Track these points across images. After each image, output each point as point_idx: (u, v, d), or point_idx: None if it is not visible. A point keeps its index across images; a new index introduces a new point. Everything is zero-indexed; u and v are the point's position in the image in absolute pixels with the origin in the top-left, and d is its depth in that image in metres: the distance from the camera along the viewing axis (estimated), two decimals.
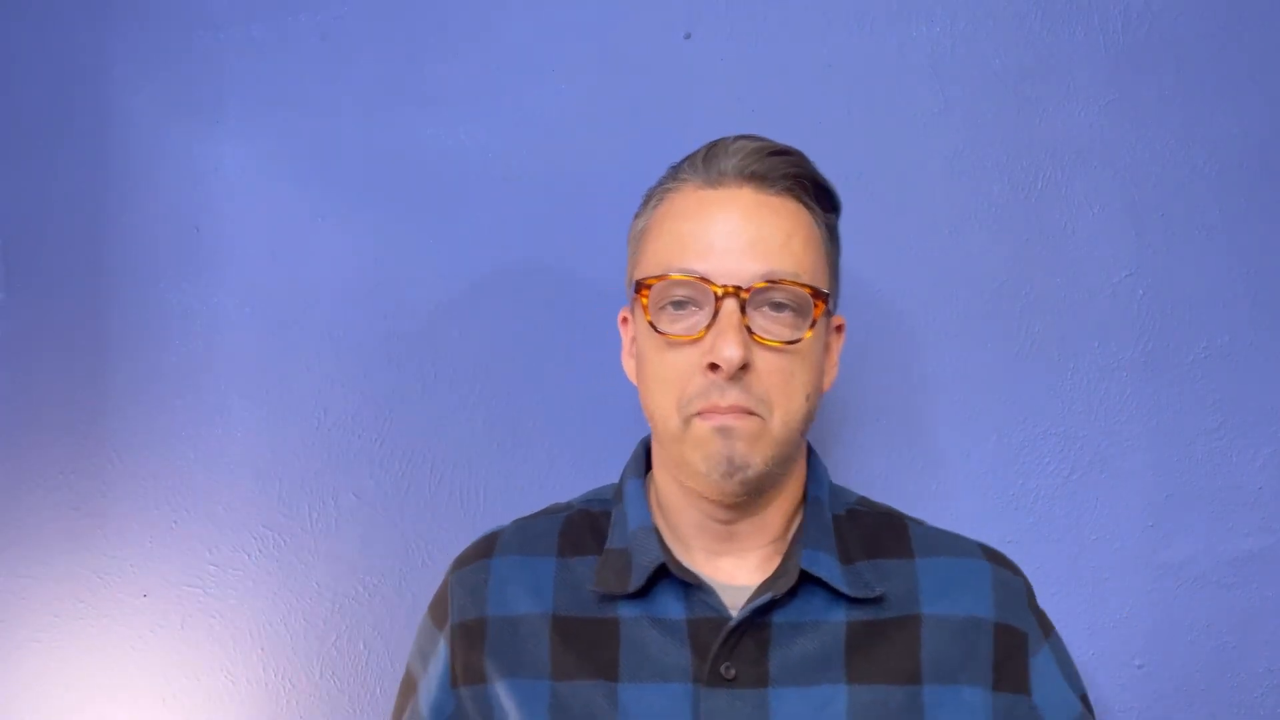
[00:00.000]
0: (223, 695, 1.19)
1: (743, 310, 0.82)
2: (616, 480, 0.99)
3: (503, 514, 1.19)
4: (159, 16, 1.27)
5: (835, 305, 0.92)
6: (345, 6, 1.26)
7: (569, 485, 1.19)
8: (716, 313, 0.82)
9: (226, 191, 1.25)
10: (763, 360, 0.83)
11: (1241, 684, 1.14)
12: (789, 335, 0.84)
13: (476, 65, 1.25)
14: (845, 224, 1.16)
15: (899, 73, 1.22)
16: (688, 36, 1.24)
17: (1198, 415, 1.17)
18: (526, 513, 1.01)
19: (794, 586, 0.85)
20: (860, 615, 0.86)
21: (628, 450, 0.98)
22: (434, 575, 1.19)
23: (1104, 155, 1.19)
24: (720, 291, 0.82)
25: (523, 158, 1.23)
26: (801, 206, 0.87)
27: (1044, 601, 0.95)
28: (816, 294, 0.85)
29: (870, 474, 1.17)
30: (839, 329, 0.94)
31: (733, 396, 0.82)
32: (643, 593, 0.87)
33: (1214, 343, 1.17)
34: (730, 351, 0.80)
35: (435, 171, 1.24)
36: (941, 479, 1.17)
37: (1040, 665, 0.89)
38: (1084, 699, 0.91)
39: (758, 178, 0.86)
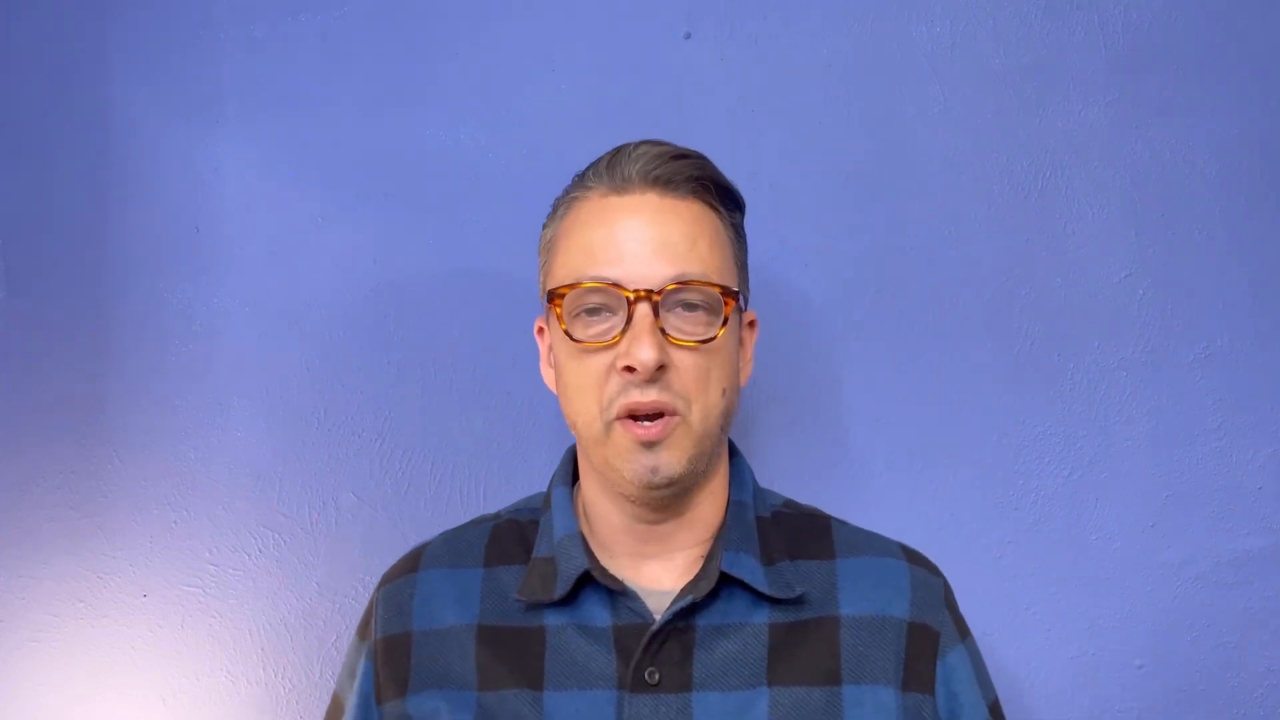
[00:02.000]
0: (223, 695, 1.19)
1: (655, 313, 0.83)
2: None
3: None
4: (159, 16, 1.27)
5: (746, 302, 0.93)
6: (345, 6, 1.26)
7: None
8: (630, 317, 0.83)
9: (226, 191, 1.25)
10: (679, 359, 0.84)
11: (1241, 684, 1.14)
12: (702, 334, 0.85)
13: (476, 65, 1.25)
14: (845, 223, 1.16)
15: (899, 73, 1.22)
16: (688, 36, 1.24)
17: (1198, 415, 1.16)
18: None
19: (716, 589, 0.85)
20: (781, 617, 0.86)
21: None
22: None
23: (1104, 155, 1.19)
24: (633, 296, 0.83)
25: (523, 158, 1.23)
26: (706, 208, 0.88)
27: (1045, 602, 0.95)
28: (726, 292, 0.86)
29: (870, 474, 1.17)
30: (751, 325, 0.95)
31: (652, 394, 0.83)
32: (569, 600, 0.87)
33: (1214, 343, 1.17)
34: (645, 354, 0.81)
35: (435, 171, 1.24)
36: (942, 479, 1.17)
37: (950, 666, 0.88)
38: (993, 708, 0.90)
39: (662, 182, 0.86)
